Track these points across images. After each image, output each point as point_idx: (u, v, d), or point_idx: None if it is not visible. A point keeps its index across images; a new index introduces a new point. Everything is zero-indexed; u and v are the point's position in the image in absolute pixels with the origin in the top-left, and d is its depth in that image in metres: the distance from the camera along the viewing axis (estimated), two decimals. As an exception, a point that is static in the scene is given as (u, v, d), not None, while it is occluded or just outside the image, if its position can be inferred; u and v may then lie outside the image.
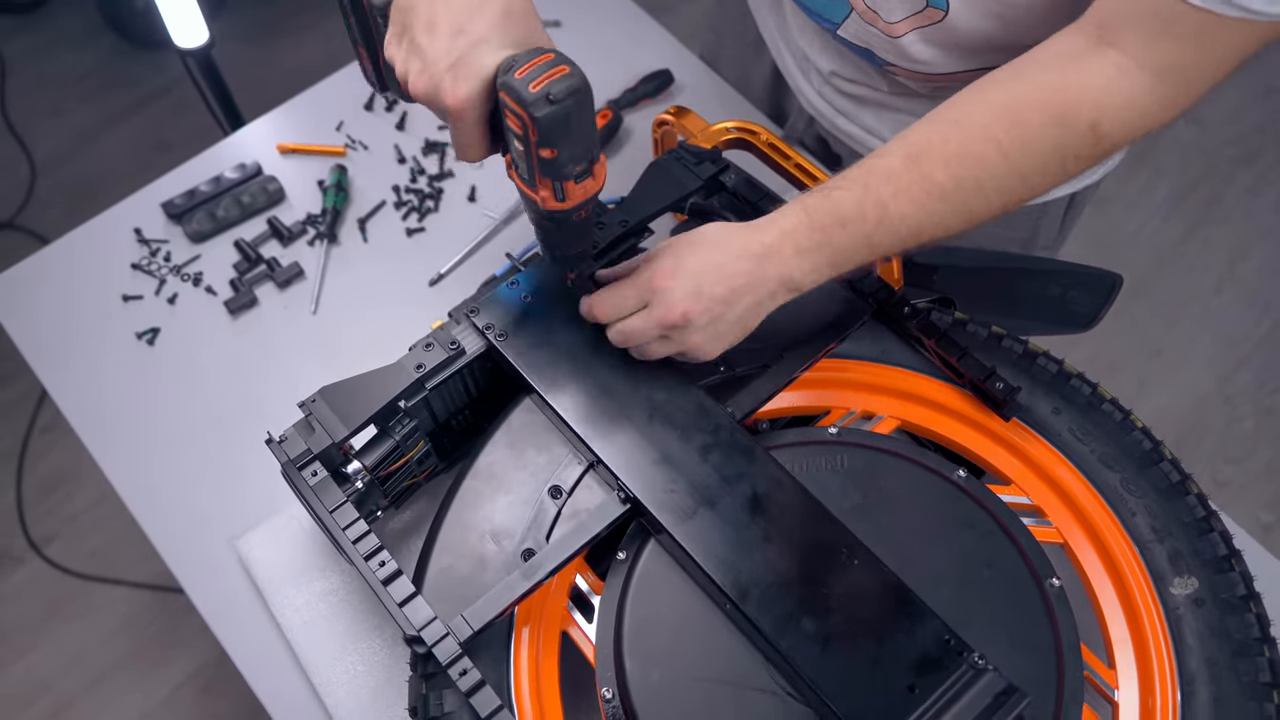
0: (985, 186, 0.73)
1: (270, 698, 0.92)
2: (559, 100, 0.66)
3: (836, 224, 0.75)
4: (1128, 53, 0.70)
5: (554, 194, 0.72)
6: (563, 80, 0.66)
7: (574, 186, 0.72)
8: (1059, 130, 0.71)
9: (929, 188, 0.73)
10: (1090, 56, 0.71)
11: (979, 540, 0.78)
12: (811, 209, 0.76)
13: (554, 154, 0.69)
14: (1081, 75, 0.71)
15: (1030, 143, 0.71)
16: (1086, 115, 0.71)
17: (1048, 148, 0.72)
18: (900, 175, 0.73)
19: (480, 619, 0.74)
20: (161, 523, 1.01)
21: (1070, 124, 0.71)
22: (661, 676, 0.74)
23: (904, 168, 0.73)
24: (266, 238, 1.16)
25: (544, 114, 0.66)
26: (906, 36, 0.88)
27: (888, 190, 0.73)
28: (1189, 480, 0.80)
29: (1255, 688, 0.72)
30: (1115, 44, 0.70)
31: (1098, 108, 0.71)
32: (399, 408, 0.84)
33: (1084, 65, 0.71)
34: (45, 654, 1.81)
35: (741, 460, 0.78)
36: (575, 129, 0.68)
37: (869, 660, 0.70)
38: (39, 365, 1.09)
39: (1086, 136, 0.71)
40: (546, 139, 0.68)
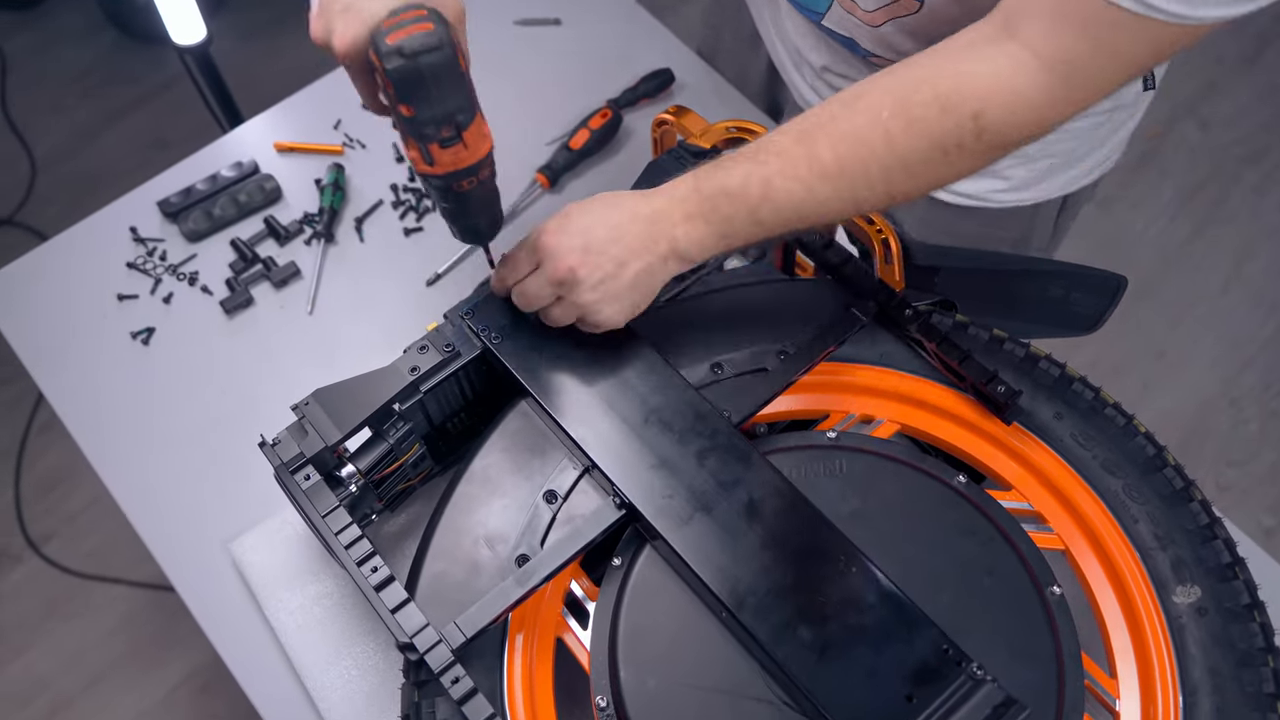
0: (870, 171, 0.72)
1: (264, 702, 0.91)
2: (411, 55, 0.65)
3: (723, 195, 0.75)
4: (1026, 44, 0.68)
5: (422, 157, 0.71)
6: (420, 36, 0.65)
7: (440, 151, 0.71)
8: (941, 117, 0.70)
9: (815, 167, 0.73)
10: (988, 46, 0.70)
11: (979, 547, 0.77)
12: (701, 178, 0.76)
13: (411, 112, 0.68)
14: (973, 64, 0.70)
15: (913, 126, 0.70)
16: (970, 104, 0.69)
17: (930, 135, 0.71)
18: (788, 152, 0.73)
19: (473, 626, 0.74)
20: (155, 524, 1.00)
21: (952, 111, 0.70)
22: (657, 685, 0.73)
23: (793, 145, 0.73)
24: (263, 237, 1.15)
25: (394, 67, 0.65)
26: (885, 26, 0.88)
27: (775, 166, 0.73)
28: (1192, 487, 0.79)
29: (1259, 698, 0.71)
30: (1016, 35, 0.69)
31: (981, 98, 0.69)
32: (393, 411, 0.83)
33: (978, 54, 0.70)
34: (43, 653, 1.80)
35: (739, 465, 0.77)
36: (432, 88, 0.67)
37: (866, 670, 0.69)
38: (33, 365, 1.09)
39: (968, 126, 0.70)
40: (401, 94, 0.67)
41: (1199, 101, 2.32)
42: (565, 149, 1.17)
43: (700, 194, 0.76)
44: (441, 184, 0.74)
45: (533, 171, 1.18)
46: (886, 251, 0.89)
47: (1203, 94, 2.33)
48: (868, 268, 0.88)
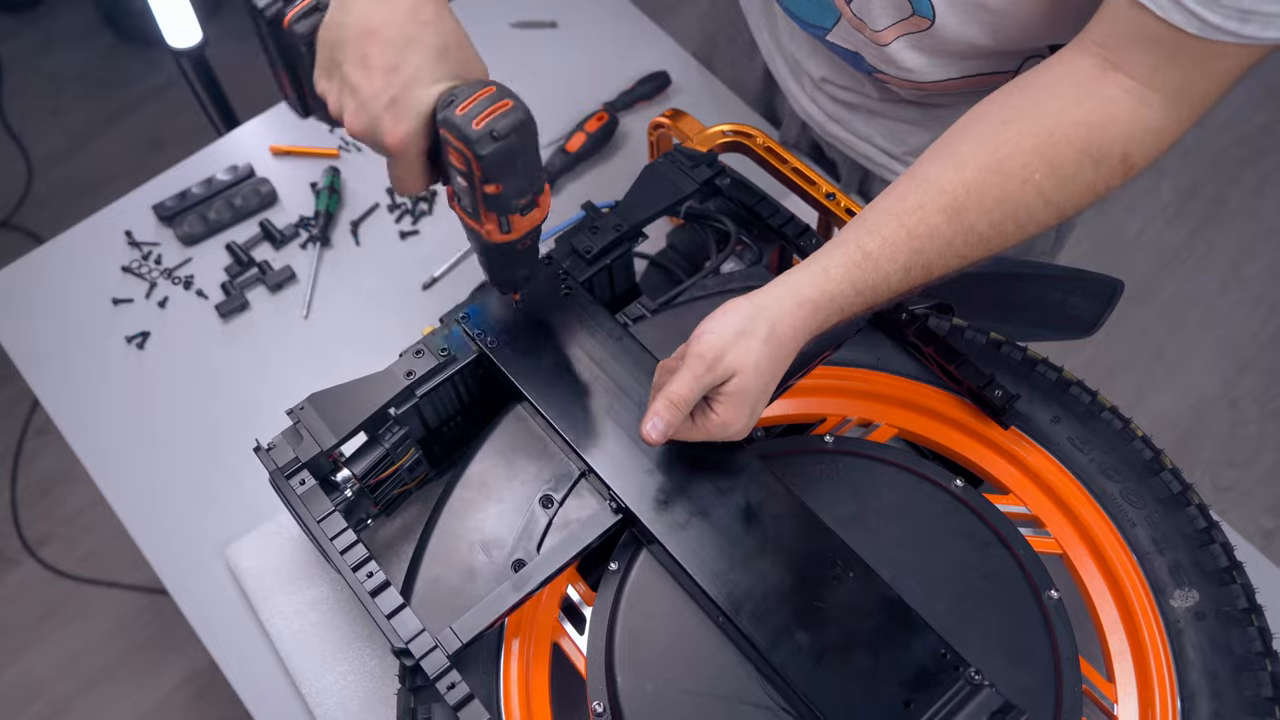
0: (1023, 225, 0.72)
1: (259, 707, 0.91)
2: (503, 136, 0.65)
3: (885, 290, 0.72)
4: (1136, 76, 0.69)
5: (499, 227, 0.71)
6: (506, 115, 0.65)
7: (519, 219, 0.71)
8: (1094, 168, 0.70)
9: (970, 240, 0.71)
10: (1103, 84, 0.70)
11: (976, 551, 0.77)
12: (861, 288, 0.72)
13: (499, 189, 0.68)
14: (1104, 107, 0.70)
15: (1067, 182, 0.71)
16: (1117, 149, 0.70)
17: (1084, 185, 0.71)
18: (943, 231, 0.71)
19: (469, 631, 0.73)
20: (150, 529, 1.00)
21: (1103, 160, 0.70)
22: (654, 689, 0.73)
23: (947, 224, 0.71)
24: (258, 240, 1.15)
25: (489, 151, 0.65)
26: (894, 44, 0.87)
27: (934, 250, 0.71)
28: (1190, 490, 0.79)
29: (1257, 703, 0.71)
30: (1121, 67, 0.69)
31: (1126, 140, 0.70)
32: (389, 415, 0.83)
33: (1102, 94, 0.70)
34: (40, 657, 1.80)
35: (735, 470, 0.77)
36: (520, 163, 0.67)
37: (864, 675, 0.69)
38: (28, 369, 1.09)
39: (1118, 168, 0.71)
40: (491, 175, 0.67)
41: (1196, 103, 2.32)
42: (561, 152, 1.17)
43: (860, 296, 0.72)
44: (509, 247, 0.74)
45: (529, 174, 1.17)
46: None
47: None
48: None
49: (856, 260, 0.71)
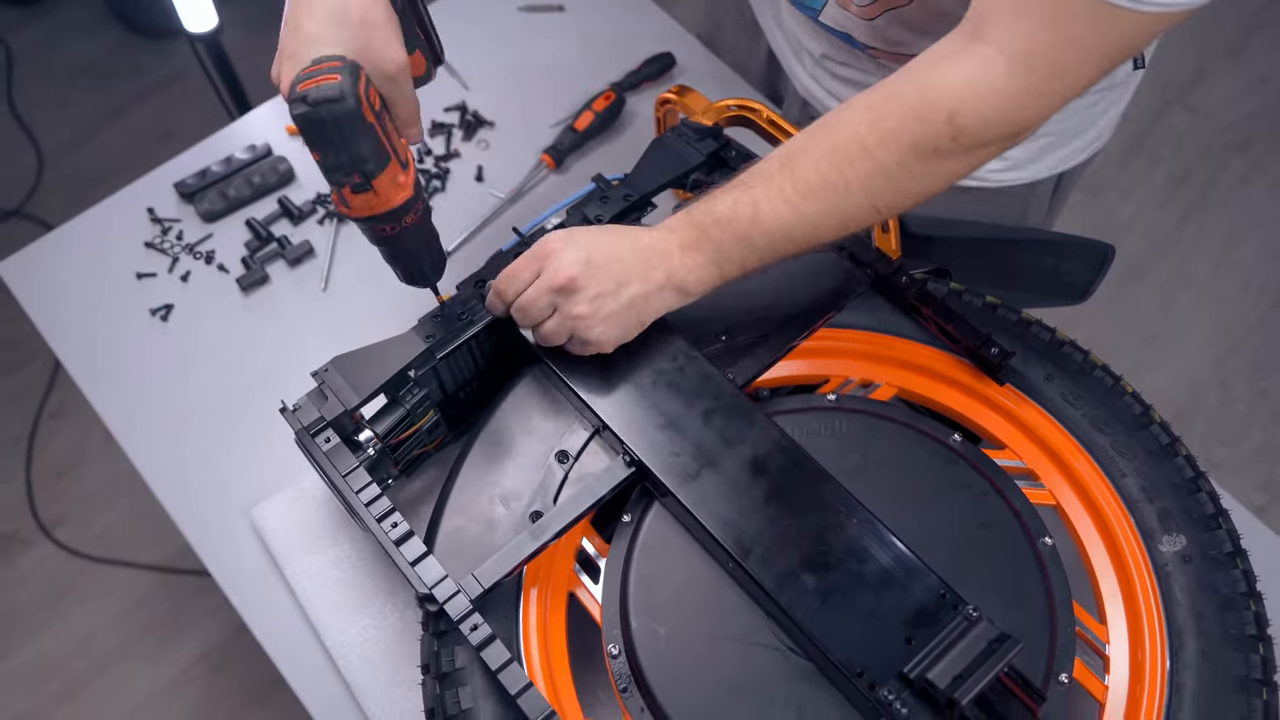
0: (852, 185, 0.74)
1: (286, 663, 0.94)
2: (311, 104, 0.69)
3: (713, 223, 0.78)
4: (994, 43, 0.70)
5: (340, 200, 0.75)
6: (324, 87, 0.69)
7: (351, 196, 0.74)
8: (916, 124, 0.72)
9: (800, 187, 0.75)
10: (958, 54, 0.72)
11: (974, 502, 0.80)
12: (693, 209, 0.79)
13: (319, 157, 0.72)
14: (944, 70, 0.72)
15: (890, 137, 0.73)
16: (944, 108, 0.71)
17: (907, 143, 0.73)
18: (774, 176, 0.76)
19: (490, 577, 0.77)
20: (178, 495, 1.03)
21: (928, 118, 0.72)
22: (666, 632, 0.76)
23: (778, 169, 0.76)
24: (277, 217, 1.18)
25: (298, 114, 0.69)
26: (880, 19, 0.90)
27: (761, 190, 0.76)
28: (1178, 442, 0.82)
29: (1242, 640, 0.75)
30: (984, 36, 0.71)
31: (955, 99, 0.71)
32: (409, 377, 0.86)
33: (951, 61, 0.73)
34: (55, 635, 1.83)
35: (743, 424, 0.80)
36: (334, 138, 0.70)
37: (867, 614, 0.72)
38: (56, 342, 1.12)
39: (944, 130, 0.72)
40: (307, 140, 0.71)
41: (1188, 89, 2.36)
42: (570, 130, 1.21)
43: (692, 224, 0.79)
44: (363, 226, 0.78)
45: (539, 153, 1.21)
46: (883, 222, 0.92)
47: (1191, 82, 2.36)
48: (865, 238, 0.91)
49: (703, 198, 0.79)
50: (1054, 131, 1.03)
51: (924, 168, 0.74)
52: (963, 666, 0.68)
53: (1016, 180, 1.07)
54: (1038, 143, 1.04)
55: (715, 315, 0.88)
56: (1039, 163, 1.06)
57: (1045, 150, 1.05)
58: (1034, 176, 1.07)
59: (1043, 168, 1.06)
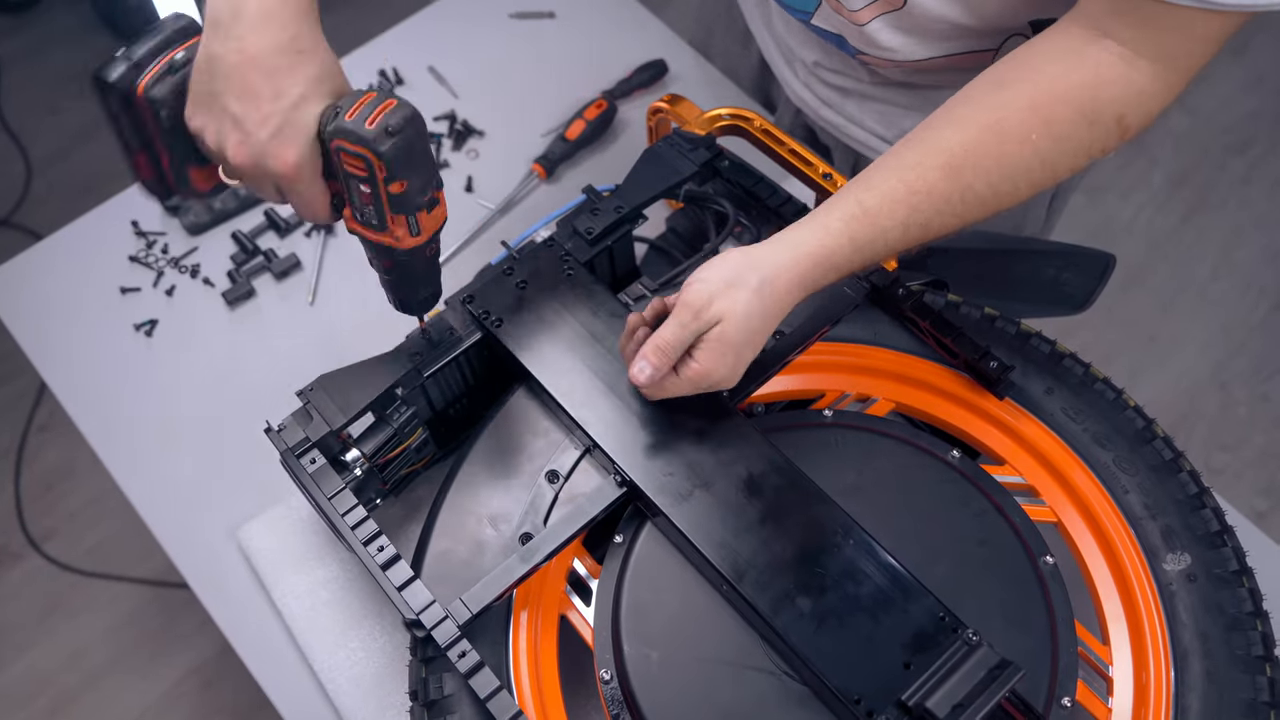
0: (1018, 185, 0.73)
1: (272, 686, 0.92)
2: (398, 130, 0.66)
3: (883, 246, 0.74)
4: (1128, 44, 0.71)
5: (409, 229, 0.72)
6: (396, 111, 0.66)
7: (426, 217, 0.72)
8: (1088, 128, 0.72)
9: (969, 198, 0.73)
10: (1095, 49, 0.72)
11: (973, 520, 0.78)
12: (860, 244, 0.73)
13: (404, 186, 0.69)
14: (1098, 70, 0.72)
15: (1062, 142, 0.72)
16: (1112, 110, 0.72)
17: (1079, 145, 0.73)
18: (940, 189, 0.72)
19: (479, 602, 0.75)
20: (162, 514, 1.01)
21: (1098, 121, 0.72)
22: (659, 658, 0.74)
23: (945, 182, 0.72)
24: (264, 229, 1.16)
25: (387, 147, 0.66)
26: (872, 24, 0.89)
27: (930, 208, 0.72)
28: (1181, 458, 0.81)
29: (1248, 661, 0.73)
30: (1112, 35, 0.71)
31: (1121, 101, 0.72)
32: (396, 395, 0.84)
33: (1095, 58, 0.72)
34: (45, 650, 1.81)
35: (737, 443, 0.79)
36: (419, 156, 0.68)
37: (864, 638, 0.71)
38: (38, 358, 1.10)
39: (1114, 130, 0.73)
40: (394, 172, 0.68)
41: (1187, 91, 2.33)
42: (561, 139, 1.19)
43: (859, 253, 0.73)
44: (419, 252, 0.75)
45: (529, 162, 1.19)
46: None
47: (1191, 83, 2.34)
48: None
49: (855, 215, 0.73)
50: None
51: (1088, 161, 0.74)
52: (963, 695, 0.66)
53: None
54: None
55: (708, 330, 0.86)
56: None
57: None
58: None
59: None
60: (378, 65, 1.27)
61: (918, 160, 0.73)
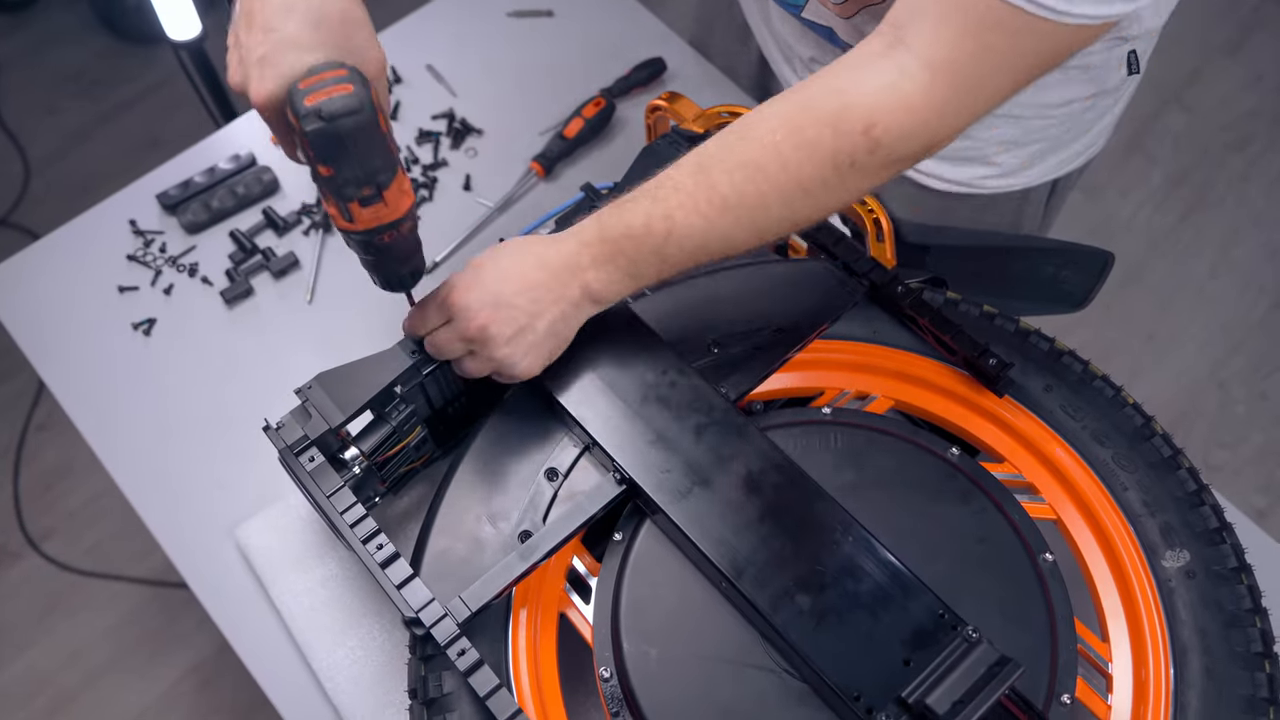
0: (768, 198, 0.71)
1: (271, 685, 0.92)
2: (329, 119, 0.64)
3: (627, 237, 0.75)
4: (914, 51, 0.68)
5: (341, 214, 0.71)
6: (339, 99, 0.65)
7: (360, 210, 0.70)
8: (833, 136, 0.69)
9: (713, 199, 0.72)
10: (877, 60, 0.69)
11: (972, 517, 0.78)
12: (605, 221, 0.76)
13: (330, 172, 0.67)
14: (863, 78, 0.70)
15: (806, 148, 0.70)
16: (860, 120, 0.69)
17: (824, 155, 0.70)
18: (686, 187, 0.73)
19: (478, 600, 0.75)
20: (161, 513, 1.01)
21: (844, 129, 0.69)
22: (659, 655, 0.74)
23: (691, 179, 0.73)
24: (261, 228, 1.16)
25: (312, 129, 0.65)
26: (857, 16, 0.89)
27: (674, 202, 0.73)
28: (1180, 455, 0.81)
29: (1247, 658, 0.73)
30: (904, 42, 0.69)
31: (872, 110, 0.69)
32: (395, 393, 0.84)
33: (869, 68, 0.70)
34: (44, 650, 1.81)
35: (736, 440, 0.79)
36: (352, 150, 0.66)
37: (864, 635, 0.71)
38: (36, 357, 1.10)
39: (860, 141, 0.69)
40: (319, 156, 0.66)
41: (1185, 89, 2.34)
42: (559, 138, 1.19)
43: (605, 238, 0.75)
44: (362, 239, 0.73)
45: (528, 161, 1.19)
46: (878, 230, 0.90)
47: (1188, 81, 2.35)
48: (860, 247, 0.89)
49: (610, 208, 0.76)
50: (1047, 138, 1.02)
51: (840, 181, 0.71)
52: (962, 691, 0.66)
53: (1010, 187, 1.05)
54: (1029, 150, 1.02)
55: (707, 328, 0.86)
56: (1032, 169, 1.05)
57: (1038, 157, 1.03)
58: (1027, 184, 1.06)
59: (1036, 175, 1.05)
60: (376, 64, 1.26)
61: (680, 161, 0.74)
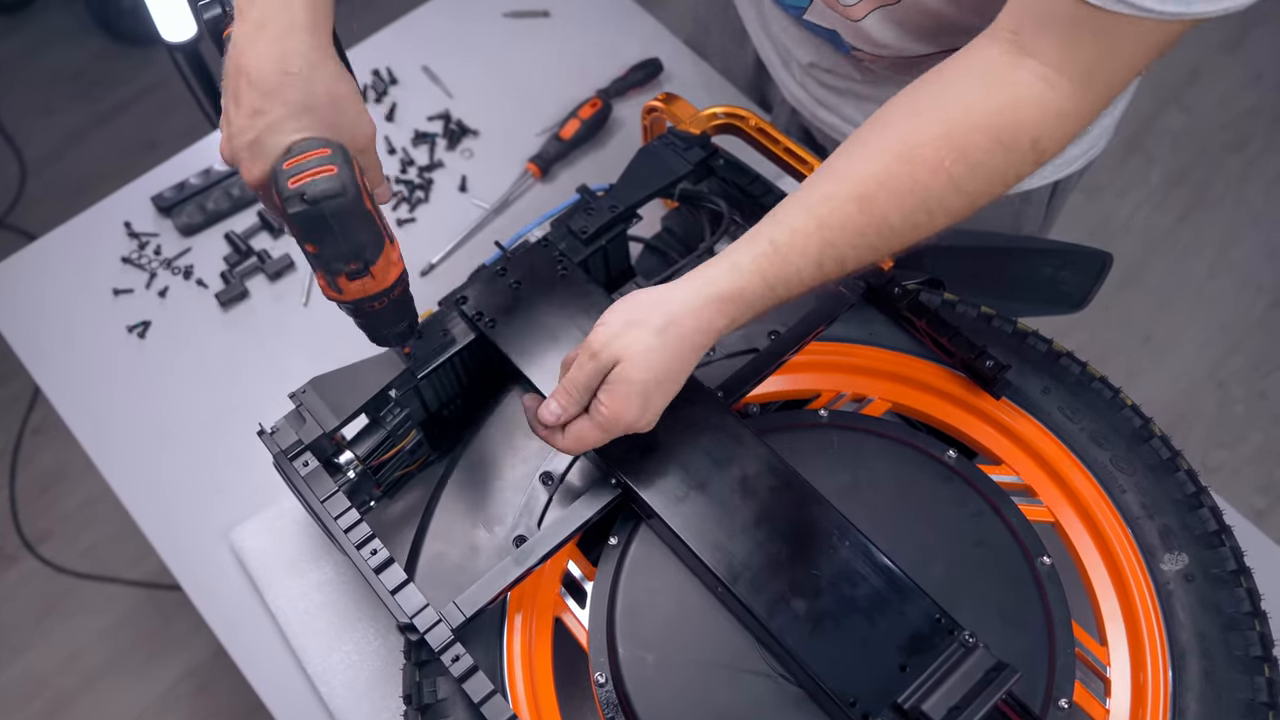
0: (935, 215, 0.71)
1: (266, 689, 0.92)
2: (312, 201, 0.65)
3: (798, 283, 0.72)
4: (1046, 60, 0.69)
5: (328, 284, 0.71)
6: (321, 181, 0.65)
7: (348, 283, 0.71)
8: (1004, 154, 0.70)
9: (884, 230, 0.71)
10: (1012, 71, 0.70)
11: (970, 520, 0.78)
12: (773, 281, 0.71)
13: (315, 250, 0.68)
14: (1013, 92, 0.70)
15: (977, 169, 0.70)
16: (1027, 135, 0.69)
17: (994, 172, 0.70)
18: (854, 220, 0.70)
19: (472, 605, 0.74)
20: (155, 517, 1.01)
21: (1014, 147, 0.70)
22: (654, 661, 0.74)
23: (859, 214, 0.70)
24: (257, 230, 1.16)
25: (295, 212, 0.65)
26: (867, 19, 0.89)
27: (845, 241, 0.71)
28: (1179, 457, 0.80)
29: (1246, 661, 0.73)
30: (1032, 52, 0.69)
31: (1036, 125, 0.69)
32: (390, 397, 0.84)
33: (1011, 80, 0.70)
34: (41, 652, 1.80)
35: (731, 444, 0.78)
36: (336, 230, 0.67)
37: (860, 640, 0.70)
38: (30, 360, 1.09)
39: (1028, 155, 0.70)
40: (304, 236, 0.67)
41: (1183, 88, 2.34)
42: (556, 139, 1.18)
43: (772, 291, 0.71)
44: (350, 308, 0.74)
45: (524, 162, 1.19)
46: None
47: (1187, 81, 2.34)
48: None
49: (767, 253, 0.71)
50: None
51: (1004, 187, 0.72)
52: (959, 697, 0.66)
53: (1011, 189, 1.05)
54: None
55: (703, 330, 0.86)
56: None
57: (1041, 159, 1.03)
58: (1027, 186, 1.05)
59: (1037, 177, 1.04)
60: (372, 65, 1.26)
61: (829, 194, 0.71)
